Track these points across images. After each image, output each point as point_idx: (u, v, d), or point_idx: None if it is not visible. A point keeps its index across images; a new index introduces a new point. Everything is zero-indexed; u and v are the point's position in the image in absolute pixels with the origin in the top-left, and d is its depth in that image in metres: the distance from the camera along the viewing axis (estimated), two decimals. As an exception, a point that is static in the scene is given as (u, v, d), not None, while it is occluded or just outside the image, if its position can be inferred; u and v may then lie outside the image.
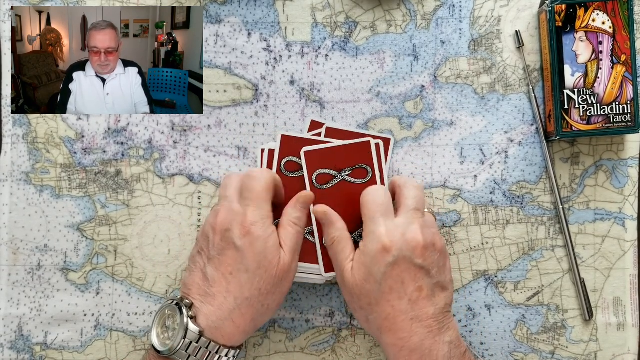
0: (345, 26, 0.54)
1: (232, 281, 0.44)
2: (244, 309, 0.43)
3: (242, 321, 0.44)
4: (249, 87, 0.54)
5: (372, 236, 0.44)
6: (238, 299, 0.43)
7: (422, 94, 0.54)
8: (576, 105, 0.51)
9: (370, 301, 0.44)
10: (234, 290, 0.43)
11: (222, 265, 0.44)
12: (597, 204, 0.54)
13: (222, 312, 0.43)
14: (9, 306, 0.53)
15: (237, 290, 0.43)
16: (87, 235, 0.54)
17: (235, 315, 0.43)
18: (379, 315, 0.44)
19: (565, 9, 0.51)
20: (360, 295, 0.44)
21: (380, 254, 0.43)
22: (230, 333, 0.43)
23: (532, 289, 0.53)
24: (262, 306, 0.44)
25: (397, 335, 0.44)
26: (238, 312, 0.43)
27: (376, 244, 0.44)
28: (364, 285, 0.44)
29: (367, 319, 0.46)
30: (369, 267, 0.44)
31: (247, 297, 0.43)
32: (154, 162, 0.54)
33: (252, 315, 0.44)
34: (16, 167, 0.54)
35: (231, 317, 0.43)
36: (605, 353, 0.53)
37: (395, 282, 0.43)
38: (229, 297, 0.43)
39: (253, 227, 0.44)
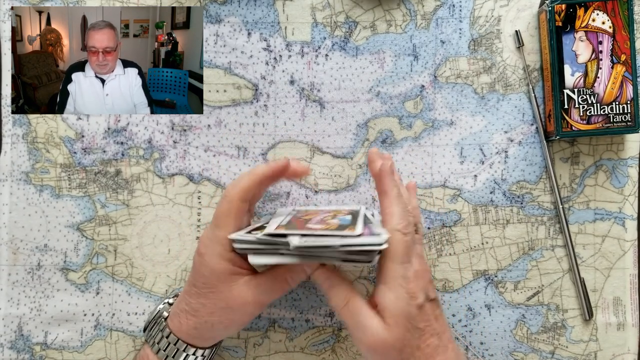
0: (345, 26, 0.54)
1: (187, 289, 0.46)
2: (189, 315, 0.45)
3: (185, 323, 0.45)
4: (249, 86, 0.54)
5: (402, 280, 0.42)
6: (188, 305, 0.45)
7: (422, 94, 0.54)
8: (576, 105, 0.51)
9: (413, 350, 0.42)
10: (186, 296, 0.46)
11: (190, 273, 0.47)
12: (597, 203, 0.54)
13: (177, 307, 0.47)
14: (8, 306, 0.53)
15: (187, 298, 0.46)
16: (87, 235, 0.54)
17: (182, 316, 0.46)
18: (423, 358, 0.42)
19: (565, 9, 0.51)
20: (403, 348, 0.41)
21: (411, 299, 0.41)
22: (176, 327, 0.46)
23: (532, 289, 0.53)
24: (205, 322, 0.45)
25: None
26: (184, 315, 0.45)
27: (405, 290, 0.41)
28: (406, 334, 0.41)
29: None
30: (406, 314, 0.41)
31: (193, 307, 0.45)
32: (154, 161, 0.54)
33: (194, 324, 0.45)
34: (16, 167, 0.54)
35: (179, 315, 0.46)
36: (605, 353, 0.53)
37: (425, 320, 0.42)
38: (182, 300, 0.46)
39: (203, 251, 0.45)
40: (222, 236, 0.44)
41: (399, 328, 0.41)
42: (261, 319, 0.54)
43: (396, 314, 0.41)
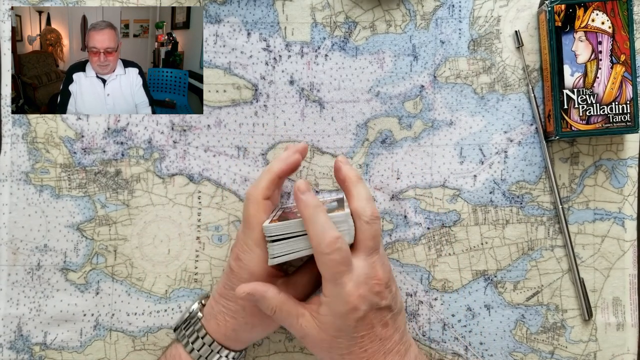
0: (344, 26, 0.54)
1: (224, 291, 0.47)
2: (227, 317, 0.46)
3: (223, 325, 0.46)
4: (249, 87, 0.54)
5: (338, 298, 0.42)
6: (225, 307, 0.47)
7: (422, 94, 0.54)
8: (575, 105, 0.51)
9: (343, 352, 0.43)
10: (224, 298, 0.47)
11: (225, 277, 0.48)
12: (596, 203, 0.54)
13: (212, 309, 0.48)
14: (8, 306, 0.53)
15: (225, 300, 0.47)
16: (86, 235, 0.54)
17: (220, 318, 0.47)
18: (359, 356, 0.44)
19: (564, 9, 0.51)
20: (331, 348, 0.44)
21: (350, 313, 0.42)
22: (212, 329, 0.47)
23: (532, 289, 0.53)
24: (245, 323, 0.46)
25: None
26: (222, 317, 0.47)
27: (344, 305, 0.42)
28: (334, 340, 0.43)
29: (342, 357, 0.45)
30: (339, 325, 0.43)
31: (231, 309, 0.46)
32: (154, 161, 0.54)
33: (233, 326, 0.46)
34: (16, 167, 0.54)
35: (216, 317, 0.47)
36: (605, 353, 0.53)
37: (366, 329, 0.43)
38: (219, 302, 0.47)
39: (242, 255, 0.46)
40: (258, 238, 0.45)
41: (327, 332, 0.43)
42: (261, 319, 0.54)
43: (326, 321, 0.43)
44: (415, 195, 0.54)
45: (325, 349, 0.44)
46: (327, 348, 0.44)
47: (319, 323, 0.43)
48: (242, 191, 0.54)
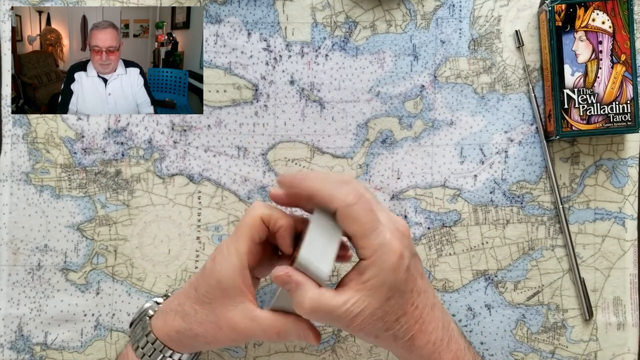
0: (345, 26, 0.54)
1: (186, 290, 0.45)
2: (177, 316, 0.44)
3: (170, 324, 0.44)
4: (249, 87, 0.54)
5: (383, 250, 0.39)
6: (179, 306, 0.45)
7: (422, 94, 0.54)
8: (576, 105, 0.51)
9: (398, 315, 0.40)
10: (182, 297, 0.45)
11: (195, 275, 0.46)
12: (597, 203, 0.54)
13: (165, 307, 0.46)
14: (9, 306, 0.53)
15: (182, 299, 0.45)
16: (87, 235, 0.54)
17: (169, 316, 0.45)
18: (409, 323, 0.40)
19: (565, 9, 0.51)
20: (385, 315, 0.39)
21: (398, 262, 0.39)
22: (159, 327, 0.45)
23: (532, 289, 0.53)
24: (190, 329, 0.44)
25: (427, 331, 0.41)
26: (172, 316, 0.45)
27: (391, 255, 0.39)
28: (386, 304, 0.39)
29: (396, 337, 0.41)
30: (390, 282, 0.39)
31: (185, 310, 0.44)
32: (154, 162, 0.54)
33: (178, 327, 0.44)
34: (16, 167, 0.54)
35: (166, 315, 0.45)
36: (605, 353, 0.53)
37: (412, 281, 0.40)
38: (176, 300, 0.45)
39: (217, 257, 0.43)
40: (241, 250, 0.43)
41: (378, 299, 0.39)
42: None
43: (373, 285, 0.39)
44: (415, 195, 0.54)
45: (378, 320, 0.39)
46: (380, 317, 0.39)
47: (367, 292, 0.39)
48: (242, 191, 0.54)
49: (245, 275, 0.43)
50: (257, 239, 0.43)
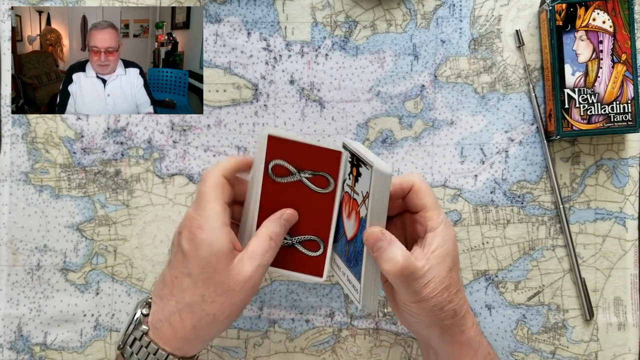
0: (345, 25, 0.54)
1: (176, 284, 0.42)
2: (184, 313, 0.42)
3: (180, 326, 0.42)
4: (249, 86, 0.54)
5: (446, 223, 0.43)
6: (179, 302, 0.42)
7: (422, 94, 0.54)
8: (577, 105, 0.51)
9: (457, 289, 0.43)
10: (176, 293, 0.42)
11: (172, 267, 0.43)
12: (597, 203, 0.53)
13: (163, 313, 0.42)
14: (8, 306, 0.53)
15: (178, 294, 0.42)
16: (86, 235, 0.54)
17: (174, 319, 0.42)
18: (462, 300, 0.43)
19: (565, 8, 0.51)
20: (450, 286, 0.42)
21: (454, 236, 0.44)
22: (167, 337, 0.42)
23: (533, 289, 0.53)
24: (205, 315, 0.41)
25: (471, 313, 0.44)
26: (177, 317, 0.42)
27: (451, 229, 0.44)
28: (450, 275, 0.42)
29: (455, 312, 0.42)
30: (453, 253, 0.43)
31: (188, 302, 0.42)
32: (154, 161, 0.54)
33: (192, 322, 0.41)
34: (15, 167, 0.54)
35: (170, 319, 0.42)
36: (606, 353, 0.53)
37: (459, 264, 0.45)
38: (171, 300, 0.42)
39: (198, 231, 0.41)
40: (217, 209, 0.42)
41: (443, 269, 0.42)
42: (261, 319, 0.54)
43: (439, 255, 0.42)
44: (415, 195, 0.54)
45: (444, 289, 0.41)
46: (446, 287, 0.41)
47: (436, 260, 0.42)
48: (243, 191, 0.54)
49: (230, 232, 0.42)
50: (227, 199, 0.43)
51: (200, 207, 0.42)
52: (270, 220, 0.44)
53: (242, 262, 0.42)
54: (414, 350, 0.54)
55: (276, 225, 0.44)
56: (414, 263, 0.41)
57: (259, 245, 0.43)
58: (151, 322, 0.42)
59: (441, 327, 0.42)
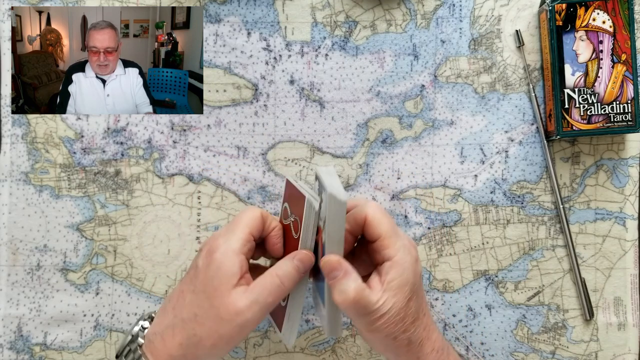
0: (345, 25, 0.54)
1: (180, 299, 0.43)
2: (176, 329, 0.41)
3: (170, 341, 0.41)
4: (249, 86, 0.54)
5: (404, 250, 0.41)
6: (176, 317, 0.42)
7: (422, 94, 0.54)
8: (576, 105, 0.51)
9: (414, 319, 0.42)
10: (177, 307, 0.42)
11: (182, 282, 0.44)
12: (597, 203, 0.53)
13: (159, 326, 0.43)
14: (8, 306, 0.53)
15: (178, 308, 0.42)
16: (86, 235, 0.54)
17: (167, 333, 0.42)
18: (420, 328, 0.42)
19: (565, 8, 0.51)
20: (405, 317, 0.41)
21: (415, 264, 0.42)
22: (158, 351, 0.42)
23: (533, 289, 0.53)
24: (193, 335, 0.41)
25: (432, 339, 0.43)
26: (170, 331, 0.42)
27: (410, 256, 0.42)
28: (408, 306, 0.41)
29: (410, 341, 0.42)
30: (412, 282, 0.41)
31: (183, 318, 0.41)
32: (154, 162, 0.54)
33: (181, 339, 0.41)
34: (15, 167, 0.54)
35: (162, 333, 0.42)
36: (606, 353, 0.53)
37: (422, 291, 0.43)
38: (169, 314, 0.42)
39: (214, 249, 0.42)
40: (239, 237, 0.42)
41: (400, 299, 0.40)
42: (261, 319, 0.54)
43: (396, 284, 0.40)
44: (415, 195, 0.54)
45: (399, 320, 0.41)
46: (401, 318, 0.41)
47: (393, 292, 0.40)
48: (242, 191, 0.54)
49: (243, 262, 0.42)
50: (254, 234, 0.43)
51: (226, 231, 0.43)
52: (284, 259, 0.43)
53: (239, 294, 0.41)
54: (414, 350, 0.54)
55: (287, 265, 0.42)
56: (367, 297, 0.40)
57: (261, 282, 0.41)
58: (147, 335, 0.43)
59: (395, 354, 0.43)
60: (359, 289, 0.40)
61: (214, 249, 0.42)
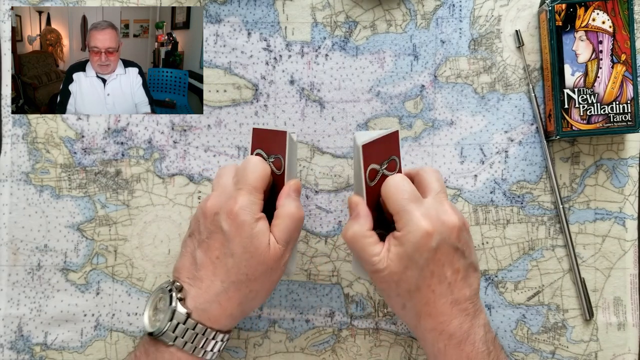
0: (345, 26, 0.54)
1: (219, 265, 0.44)
2: (231, 292, 0.44)
3: (228, 304, 0.44)
4: (249, 86, 0.54)
5: (410, 224, 0.42)
6: (225, 282, 0.44)
7: (422, 94, 0.54)
8: (576, 105, 0.51)
9: (410, 288, 0.43)
10: (220, 273, 0.44)
11: (209, 249, 0.44)
12: (597, 203, 0.54)
13: (209, 294, 0.44)
14: (8, 306, 0.53)
15: (223, 274, 0.44)
16: (87, 235, 0.54)
17: (222, 298, 0.44)
18: (419, 301, 0.43)
19: (565, 9, 0.51)
20: (400, 281, 0.43)
21: (423, 239, 0.42)
22: (216, 315, 0.44)
23: (533, 289, 0.53)
24: (250, 291, 0.44)
25: (438, 320, 0.43)
26: (225, 296, 0.44)
27: (418, 230, 0.42)
28: (404, 273, 0.43)
29: (404, 306, 0.44)
30: (410, 255, 0.42)
31: (233, 280, 0.44)
32: (154, 162, 0.54)
33: (239, 299, 0.44)
34: (16, 167, 0.54)
35: (218, 299, 0.44)
36: (606, 353, 0.53)
37: (436, 267, 0.43)
38: (215, 281, 0.44)
39: (241, 212, 0.43)
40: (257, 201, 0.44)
41: (397, 266, 0.43)
42: (261, 319, 0.54)
43: (396, 253, 0.43)
44: (415, 195, 0.54)
45: (393, 283, 0.43)
46: (395, 282, 0.43)
47: (392, 256, 0.43)
48: (243, 191, 0.54)
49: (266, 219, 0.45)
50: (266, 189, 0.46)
51: (245, 192, 0.44)
52: (283, 197, 0.46)
53: (275, 244, 0.44)
54: (414, 350, 0.54)
55: (290, 202, 0.46)
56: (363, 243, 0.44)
57: (282, 226, 0.45)
58: (194, 305, 0.44)
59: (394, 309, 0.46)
60: (357, 233, 0.44)
61: (238, 211, 0.43)
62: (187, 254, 0.46)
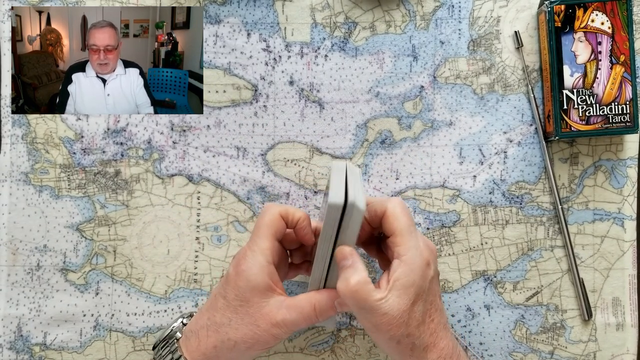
0: (344, 26, 0.54)
1: (213, 302, 0.45)
2: (210, 331, 0.44)
3: (204, 342, 0.44)
4: (249, 87, 0.54)
5: (415, 251, 0.42)
6: (210, 319, 0.44)
7: (422, 94, 0.54)
8: (575, 106, 0.51)
9: (418, 322, 0.41)
10: (210, 310, 0.45)
11: (218, 286, 0.46)
12: (596, 204, 0.54)
13: (195, 325, 0.45)
14: (8, 306, 0.53)
15: (212, 311, 0.44)
16: (86, 235, 0.54)
17: (202, 334, 0.44)
18: (425, 334, 0.42)
19: (564, 10, 0.51)
20: (409, 320, 0.41)
21: (425, 267, 0.42)
22: (192, 348, 0.44)
23: (531, 289, 0.53)
24: (227, 339, 0.43)
25: (439, 347, 0.43)
26: (204, 332, 0.44)
27: (420, 258, 0.42)
28: (412, 309, 0.41)
29: (414, 346, 0.42)
30: (418, 285, 0.41)
31: (216, 321, 0.44)
32: (153, 162, 0.54)
33: (215, 341, 0.43)
34: (15, 168, 0.54)
35: (198, 333, 0.44)
36: (604, 353, 0.53)
37: (432, 295, 0.43)
38: (205, 315, 0.45)
39: (242, 261, 0.44)
40: (264, 247, 0.43)
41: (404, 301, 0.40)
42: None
43: (402, 284, 0.41)
44: (414, 196, 0.54)
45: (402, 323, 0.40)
46: (405, 322, 0.40)
47: (397, 292, 0.40)
48: (242, 191, 0.54)
49: (272, 271, 0.43)
50: (277, 235, 0.45)
51: (252, 239, 0.44)
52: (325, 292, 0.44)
53: (279, 307, 0.43)
54: (413, 350, 0.54)
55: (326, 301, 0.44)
56: (368, 291, 0.40)
57: (298, 307, 0.43)
58: (185, 331, 0.46)
59: (400, 357, 0.43)
60: (360, 281, 0.40)
61: (241, 260, 0.43)
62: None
